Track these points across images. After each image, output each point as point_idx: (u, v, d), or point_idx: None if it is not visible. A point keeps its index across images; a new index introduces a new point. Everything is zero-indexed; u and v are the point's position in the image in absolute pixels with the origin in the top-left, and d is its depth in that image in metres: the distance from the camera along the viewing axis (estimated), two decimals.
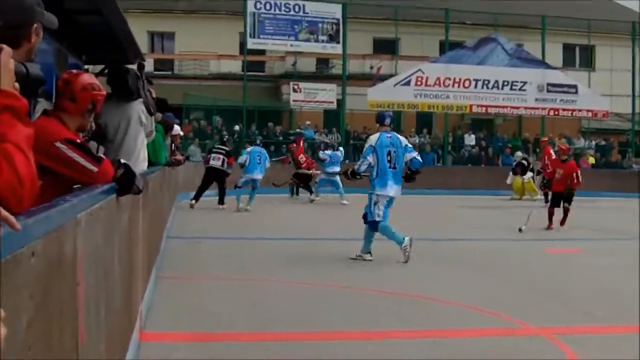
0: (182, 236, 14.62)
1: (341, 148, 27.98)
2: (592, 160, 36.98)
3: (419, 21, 40.89)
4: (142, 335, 6.38)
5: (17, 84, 2.25)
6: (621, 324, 7.86)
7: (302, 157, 26.86)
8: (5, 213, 1.66)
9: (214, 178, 22.39)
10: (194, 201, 22.12)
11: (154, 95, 8.80)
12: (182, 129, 20.39)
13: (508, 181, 30.34)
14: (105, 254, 3.79)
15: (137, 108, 7.36)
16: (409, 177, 12.82)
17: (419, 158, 12.83)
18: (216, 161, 22.33)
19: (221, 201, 22.40)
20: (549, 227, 17.84)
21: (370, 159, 12.25)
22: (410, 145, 12.98)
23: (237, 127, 35.11)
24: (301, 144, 28.66)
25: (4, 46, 2.26)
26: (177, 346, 6.54)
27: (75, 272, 2.74)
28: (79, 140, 4.45)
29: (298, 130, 32.43)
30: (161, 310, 7.85)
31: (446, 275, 11.00)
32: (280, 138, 34.90)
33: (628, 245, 14.70)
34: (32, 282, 1.95)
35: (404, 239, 11.83)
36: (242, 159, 22.20)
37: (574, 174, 18.49)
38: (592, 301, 9.09)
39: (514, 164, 30.27)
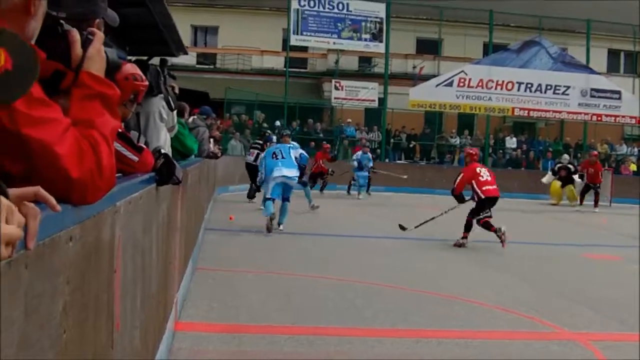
0: (221, 228, 14.69)
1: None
2: (633, 167, 36.59)
3: (463, 22, 40.76)
4: (177, 325, 6.44)
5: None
6: None
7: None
8: (45, 194, 1.66)
9: (250, 173, 22.10)
10: (251, 200, 21.88)
11: (176, 90, 8.84)
12: (221, 123, 20.37)
13: (544, 180, 29.62)
14: (143, 242, 3.82)
15: (157, 104, 7.40)
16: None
17: (305, 154, 16.98)
18: (250, 156, 22.26)
19: (250, 195, 22.15)
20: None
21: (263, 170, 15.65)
22: (297, 145, 17.05)
23: (278, 123, 35.18)
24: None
25: (97, 31, 2.31)
26: (210, 337, 6.59)
27: (113, 259, 2.77)
28: (120, 130, 4.49)
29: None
30: (196, 301, 7.91)
31: (482, 277, 10.98)
32: (321, 135, 34.91)
33: None
34: (68, 266, 1.97)
35: (271, 213, 14.68)
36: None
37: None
38: (629, 309, 8.99)
39: (558, 166, 29.57)
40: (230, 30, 42.44)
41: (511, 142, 38.04)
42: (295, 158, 15.72)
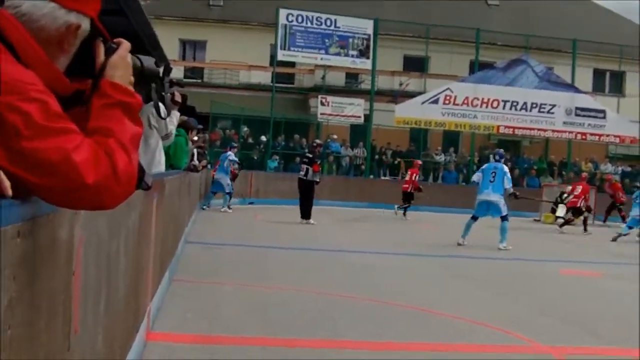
0: (201, 242, 14.68)
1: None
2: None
3: (450, 40, 40.89)
4: (149, 335, 6.41)
5: (132, 78, 2.35)
6: (631, 347, 7.80)
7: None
8: (2, 176, 1.70)
9: (302, 189, 21.83)
10: (304, 220, 21.64)
11: (177, 98, 8.82)
12: (210, 136, 20.32)
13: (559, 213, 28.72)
14: (109, 247, 3.80)
15: (146, 110, 7.44)
16: None
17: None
18: (301, 172, 22.12)
19: (304, 215, 21.73)
20: None
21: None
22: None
23: (263, 138, 35.22)
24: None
25: (124, 41, 2.37)
26: (181, 347, 6.56)
27: (72, 259, 2.75)
28: None
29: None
30: (171, 311, 7.88)
31: (459, 291, 10.99)
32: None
33: None
34: (15, 262, 1.95)
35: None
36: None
37: None
38: (606, 324, 9.01)
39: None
40: (218, 45, 42.56)
41: None
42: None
